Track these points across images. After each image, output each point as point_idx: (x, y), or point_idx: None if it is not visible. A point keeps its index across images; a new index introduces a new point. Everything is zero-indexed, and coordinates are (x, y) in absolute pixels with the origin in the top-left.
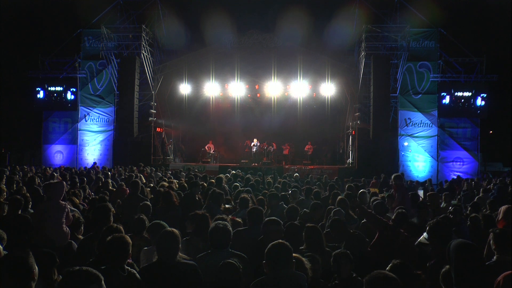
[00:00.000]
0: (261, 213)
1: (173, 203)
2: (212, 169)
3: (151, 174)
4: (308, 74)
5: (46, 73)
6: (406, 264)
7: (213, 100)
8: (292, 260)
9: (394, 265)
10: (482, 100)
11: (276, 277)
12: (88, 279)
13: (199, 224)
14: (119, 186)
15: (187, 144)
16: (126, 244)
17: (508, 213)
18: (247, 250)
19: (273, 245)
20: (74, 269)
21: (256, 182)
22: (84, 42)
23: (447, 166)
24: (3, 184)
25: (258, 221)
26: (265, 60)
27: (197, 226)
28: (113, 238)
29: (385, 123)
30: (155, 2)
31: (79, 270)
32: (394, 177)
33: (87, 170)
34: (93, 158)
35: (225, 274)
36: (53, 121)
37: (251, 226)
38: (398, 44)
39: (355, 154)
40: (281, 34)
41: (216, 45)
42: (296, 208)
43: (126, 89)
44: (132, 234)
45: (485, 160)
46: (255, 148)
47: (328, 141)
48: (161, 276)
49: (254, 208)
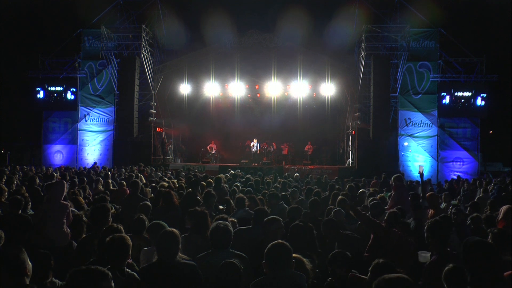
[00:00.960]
0: (266, 214)
1: (173, 203)
2: (212, 169)
3: (151, 174)
4: (308, 74)
5: (46, 73)
6: (389, 263)
7: (213, 100)
8: (292, 260)
9: (377, 264)
10: (482, 100)
11: (276, 277)
12: (99, 277)
13: (198, 221)
14: (119, 185)
15: (187, 144)
16: (126, 244)
17: (508, 213)
18: (247, 250)
19: (273, 245)
20: (83, 268)
21: (256, 182)
22: (84, 42)
23: (447, 166)
24: (3, 184)
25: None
26: (265, 60)
27: (196, 223)
28: (113, 238)
29: (385, 123)
30: (155, 2)
31: (88, 268)
32: (394, 178)
33: (87, 170)
34: (93, 158)
35: (226, 274)
36: (53, 121)
37: (254, 226)
38: (398, 44)
39: (355, 154)
40: (281, 34)
41: (216, 45)
42: (299, 208)
43: (126, 89)
44: (132, 234)
45: (485, 160)
46: (254, 148)
47: (328, 141)
48: (161, 276)
49: (261, 209)
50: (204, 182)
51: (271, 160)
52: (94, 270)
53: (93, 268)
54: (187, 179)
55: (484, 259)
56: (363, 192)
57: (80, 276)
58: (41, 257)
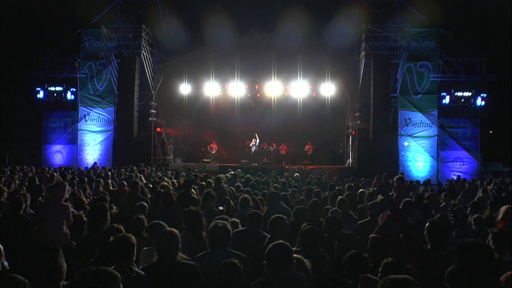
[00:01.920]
0: (260, 217)
1: (173, 203)
2: (212, 169)
3: (151, 174)
4: (308, 74)
5: (46, 73)
6: (398, 262)
7: (213, 100)
8: (293, 260)
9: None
10: (482, 100)
11: (276, 277)
12: (109, 278)
13: (193, 220)
14: (120, 185)
15: (187, 144)
16: (131, 243)
17: (508, 213)
18: (244, 251)
19: (274, 246)
20: (92, 268)
21: (256, 182)
22: (84, 42)
23: (447, 166)
24: (2, 183)
25: (257, 223)
26: (265, 60)
27: (191, 223)
28: (117, 238)
29: (385, 123)
30: (155, 2)
31: (97, 269)
32: (396, 179)
33: (88, 170)
34: (93, 158)
35: (226, 274)
36: (53, 121)
37: (249, 227)
38: (398, 44)
39: (355, 154)
40: (281, 34)
41: (216, 45)
42: (305, 208)
43: (126, 89)
44: (131, 234)
45: (485, 160)
46: (254, 148)
47: (328, 141)
48: (161, 276)
49: (255, 212)
50: (204, 182)
51: (271, 160)
52: (104, 271)
53: (103, 269)
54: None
55: (479, 260)
56: (363, 192)
57: (89, 277)
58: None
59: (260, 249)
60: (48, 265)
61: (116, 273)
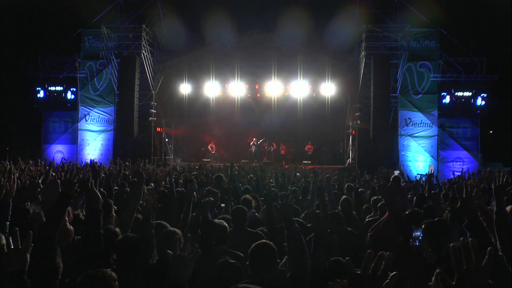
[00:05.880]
0: (245, 213)
1: (171, 202)
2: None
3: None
4: (308, 74)
5: (46, 73)
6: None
7: (213, 100)
8: (277, 260)
9: None
10: (482, 100)
11: (259, 279)
12: (111, 280)
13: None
14: (120, 186)
15: (187, 144)
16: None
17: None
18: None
19: (257, 245)
20: (96, 271)
21: (256, 182)
22: (84, 42)
23: (447, 166)
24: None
25: (242, 221)
26: (265, 60)
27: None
28: (125, 238)
29: (385, 123)
30: (155, 2)
31: (101, 272)
32: (393, 179)
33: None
34: (93, 157)
35: (226, 273)
36: (53, 121)
37: (234, 226)
38: (398, 44)
39: (355, 154)
40: (281, 34)
41: (216, 45)
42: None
43: (126, 89)
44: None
45: (485, 160)
46: (254, 148)
47: (328, 141)
48: (161, 276)
49: (238, 208)
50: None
51: (271, 160)
52: (104, 274)
53: (104, 271)
54: (184, 179)
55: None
56: (363, 192)
57: (91, 279)
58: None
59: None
60: (47, 265)
61: (114, 275)
